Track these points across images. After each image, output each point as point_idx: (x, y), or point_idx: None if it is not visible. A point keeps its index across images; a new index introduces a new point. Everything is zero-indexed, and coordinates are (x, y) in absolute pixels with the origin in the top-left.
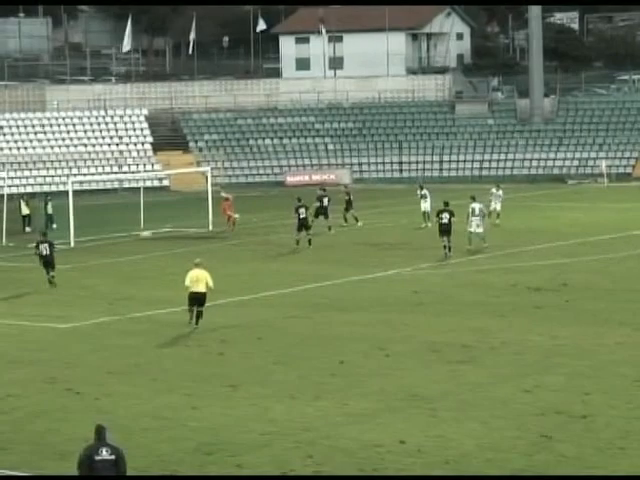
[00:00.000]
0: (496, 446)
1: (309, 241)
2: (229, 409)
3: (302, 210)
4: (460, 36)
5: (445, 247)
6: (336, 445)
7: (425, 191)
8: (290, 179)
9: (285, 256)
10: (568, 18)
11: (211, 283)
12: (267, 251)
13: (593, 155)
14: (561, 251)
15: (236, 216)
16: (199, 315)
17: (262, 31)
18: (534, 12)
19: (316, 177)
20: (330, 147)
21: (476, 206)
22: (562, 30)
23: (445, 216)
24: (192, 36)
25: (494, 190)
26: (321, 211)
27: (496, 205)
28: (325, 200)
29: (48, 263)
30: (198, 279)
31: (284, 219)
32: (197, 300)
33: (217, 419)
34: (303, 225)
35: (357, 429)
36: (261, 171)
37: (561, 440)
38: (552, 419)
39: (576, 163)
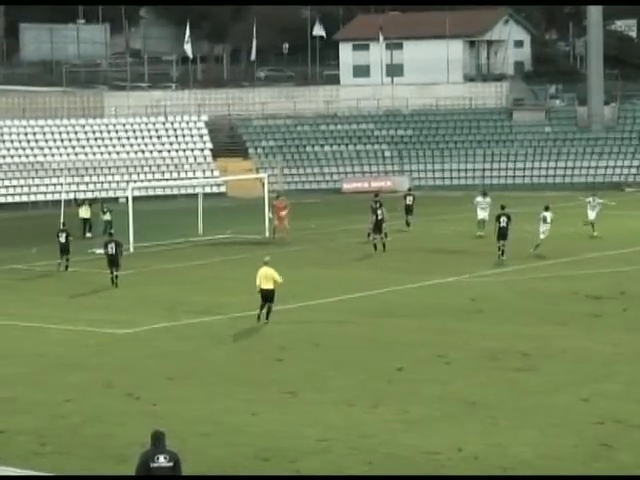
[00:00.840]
0: (554, 454)
1: (384, 245)
2: (286, 415)
3: (379, 212)
4: (520, 43)
5: (499, 250)
6: (394, 452)
7: (488, 199)
8: (347, 186)
9: (343, 263)
10: (626, 26)
11: (278, 278)
12: (326, 257)
13: None
14: (619, 259)
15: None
16: (269, 311)
17: (321, 38)
18: (594, 19)
19: (374, 184)
20: (387, 154)
21: (547, 215)
22: (622, 38)
23: (504, 220)
24: (254, 42)
25: (590, 199)
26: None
27: (592, 215)
28: (377, 205)
29: (113, 262)
30: (267, 277)
31: (342, 225)
32: (267, 297)
33: (274, 425)
34: (379, 227)
35: (415, 436)
36: (319, 178)
37: (620, 449)
38: (611, 427)
39: (634, 171)
